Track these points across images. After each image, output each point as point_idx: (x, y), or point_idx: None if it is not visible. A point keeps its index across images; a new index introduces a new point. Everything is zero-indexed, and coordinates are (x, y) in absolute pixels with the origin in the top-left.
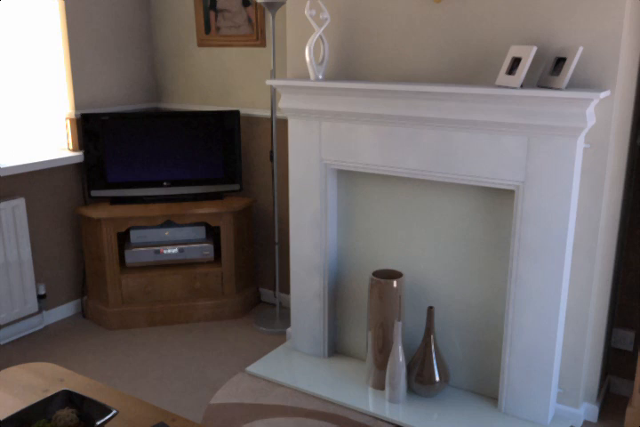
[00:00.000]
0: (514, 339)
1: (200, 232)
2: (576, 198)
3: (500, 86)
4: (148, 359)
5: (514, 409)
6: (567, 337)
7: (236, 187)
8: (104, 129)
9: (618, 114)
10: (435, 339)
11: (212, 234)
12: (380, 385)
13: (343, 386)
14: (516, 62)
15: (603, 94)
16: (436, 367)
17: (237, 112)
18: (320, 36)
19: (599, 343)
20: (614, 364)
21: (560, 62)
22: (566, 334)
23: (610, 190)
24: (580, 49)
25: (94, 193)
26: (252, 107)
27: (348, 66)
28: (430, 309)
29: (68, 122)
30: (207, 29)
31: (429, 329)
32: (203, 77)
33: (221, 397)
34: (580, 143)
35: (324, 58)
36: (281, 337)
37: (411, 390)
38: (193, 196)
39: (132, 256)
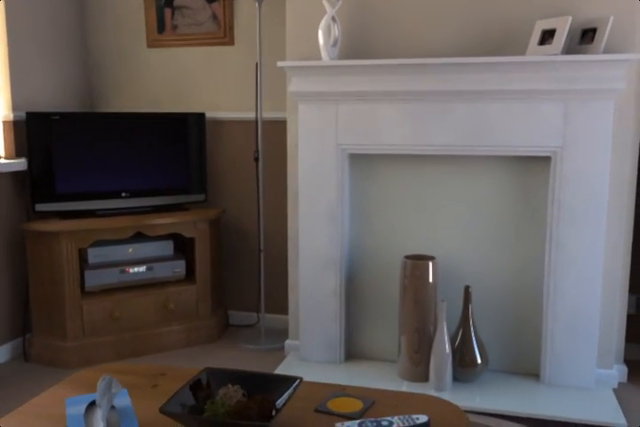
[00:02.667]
0: (557, 305)
1: (168, 248)
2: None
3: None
4: None
5: (558, 378)
6: (602, 300)
7: (201, 197)
8: (53, 131)
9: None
10: (473, 320)
11: (181, 249)
12: (418, 378)
13: (379, 387)
14: (546, 34)
15: (637, 56)
16: (477, 350)
17: (202, 115)
18: (333, 17)
19: (624, 305)
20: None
21: (588, 33)
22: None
23: (632, 152)
24: (611, 18)
25: (40, 207)
26: (216, 109)
27: (361, 47)
28: (467, 288)
29: (1, 124)
30: (161, 28)
31: (467, 310)
32: (152, 81)
33: None
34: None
35: (337, 39)
36: (275, 354)
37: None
38: (154, 208)
39: (93, 278)
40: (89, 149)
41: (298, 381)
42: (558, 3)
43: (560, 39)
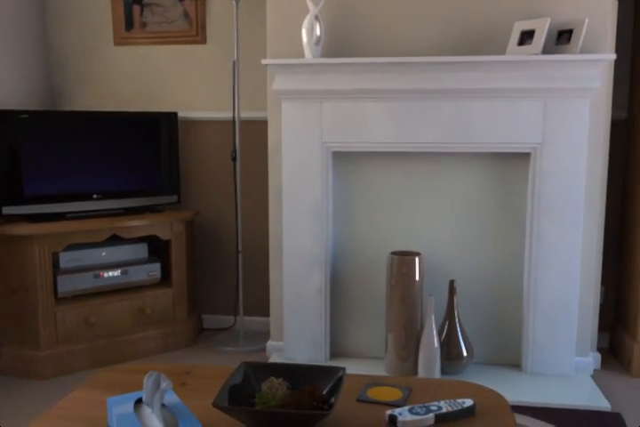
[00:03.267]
0: (537, 297)
1: (142, 250)
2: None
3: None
4: None
5: (539, 367)
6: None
7: (174, 198)
8: (20, 131)
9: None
10: (458, 314)
11: (155, 252)
12: (406, 373)
13: None
14: (525, 35)
15: (613, 56)
16: (462, 343)
17: (175, 114)
18: (316, 16)
19: (598, 295)
20: None
21: (564, 34)
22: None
23: (604, 149)
24: (586, 20)
25: (7, 210)
26: (189, 109)
27: (344, 45)
28: (452, 283)
29: None
30: (129, 26)
31: (452, 305)
32: (120, 79)
33: None
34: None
35: (320, 38)
36: (256, 356)
37: None
38: (126, 210)
39: (66, 283)
40: (58, 149)
41: (342, 371)
42: (534, 5)
43: (540, 39)
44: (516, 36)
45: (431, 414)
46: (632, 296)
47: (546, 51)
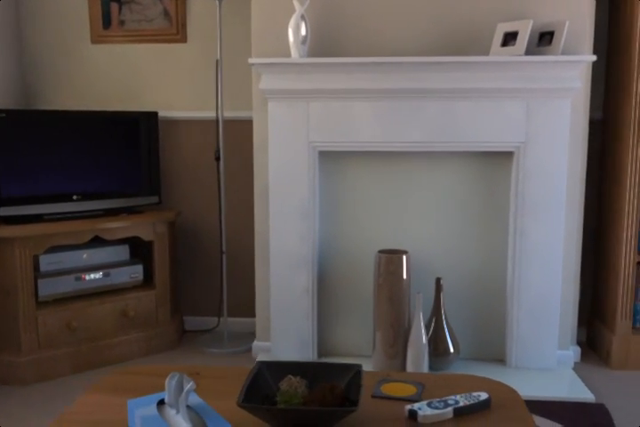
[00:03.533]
0: (521, 292)
1: (123, 252)
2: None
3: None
4: None
5: (523, 361)
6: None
7: (155, 199)
8: None
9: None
10: (445, 311)
11: (136, 253)
12: (393, 370)
13: None
14: (508, 36)
15: (593, 57)
16: (449, 339)
17: (155, 114)
18: (302, 15)
19: (577, 290)
20: None
21: (545, 36)
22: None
23: (583, 148)
24: (567, 22)
25: None
26: (169, 108)
27: (330, 45)
28: (439, 280)
29: None
30: (106, 24)
31: (439, 302)
32: (98, 78)
33: None
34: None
35: (306, 37)
36: (242, 357)
37: None
38: (106, 211)
39: (47, 287)
40: (36, 149)
41: (358, 368)
42: (516, 7)
43: (523, 41)
44: (499, 38)
45: (450, 408)
46: (609, 292)
47: (528, 52)
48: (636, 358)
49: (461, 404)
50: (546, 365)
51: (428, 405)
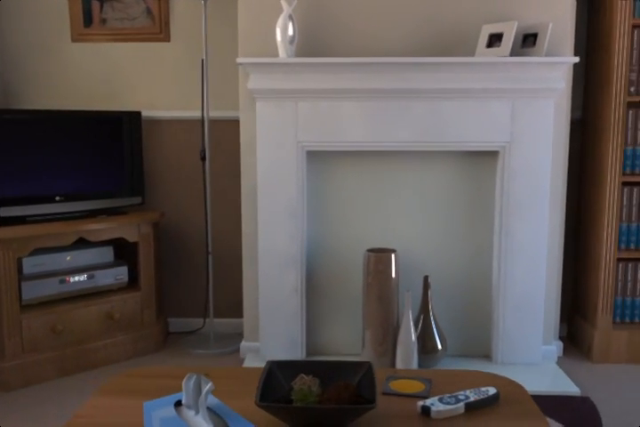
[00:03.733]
0: (506, 289)
1: (108, 254)
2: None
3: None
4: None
5: (509, 357)
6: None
7: (138, 200)
8: None
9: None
10: (432, 308)
11: (120, 255)
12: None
13: None
14: (493, 37)
15: (576, 59)
16: (437, 336)
17: (138, 114)
18: (290, 15)
19: (560, 287)
20: None
21: (529, 37)
22: None
23: (564, 147)
24: (550, 24)
25: None
26: (152, 108)
27: (317, 45)
28: (426, 278)
29: None
30: (87, 22)
31: (427, 299)
32: (79, 77)
33: None
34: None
35: (293, 37)
36: (229, 357)
37: None
38: (90, 212)
39: (31, 290)
40: (17, 149)
41: (368, 365)
42: (500, 10)
43: (508, 42)
44: (484, 39)
45: (461, 404)
46: (590, 288)
47: (512, 53)
48: (616, 352)
49: (472, 399)
50: (531, 360)
51: (440, 400)
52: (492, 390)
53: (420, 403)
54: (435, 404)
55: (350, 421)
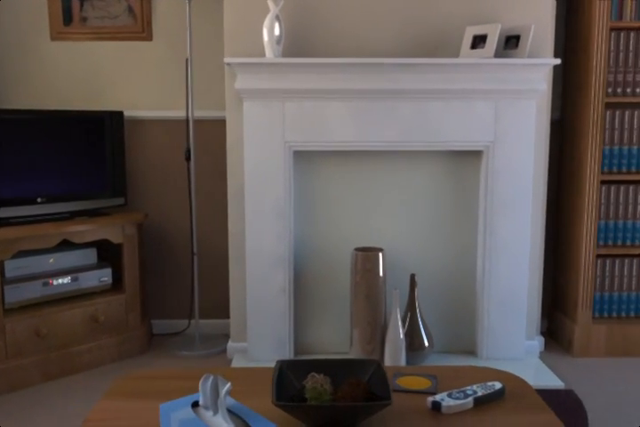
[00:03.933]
0: (490, 287)
1: (91, 256)
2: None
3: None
4: None
5: (493, 352)
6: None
7: (121, 201)
8: None
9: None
10: (419, 306)
11: (103, 256)
12: None
13: None
14: (477, 39)
15: (557, 61)
16: (424, 334)
17: (120, 114)
18: (276, 15)
19: (541, 283)
20: None
21: (511, 39)
22: None
23: (545, 147)
24: (533, 26)
25: None
26: (134, 108)
27: (304, 45)
28: (413, 276)
29: None
30: (67, 20)
31: (413, 297)
32: (58, 77)
33: None
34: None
35: (280, 37)
36: (216, 358)
37: None
38: (72, 214)
39: (13, 293)
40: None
41: (376, 363)
42: (484, 12)
43: (492, 44)
44: (468, 40)
45: (470, 398)
46: (570, 284)
47: (495, 55)
48: (596, 346)
49: (480, 394)
50: (515, 355)
51: (449, 396)
52: (497, 385)
53: (430, 399)
54: (445, 399)
55: (364, 418)
